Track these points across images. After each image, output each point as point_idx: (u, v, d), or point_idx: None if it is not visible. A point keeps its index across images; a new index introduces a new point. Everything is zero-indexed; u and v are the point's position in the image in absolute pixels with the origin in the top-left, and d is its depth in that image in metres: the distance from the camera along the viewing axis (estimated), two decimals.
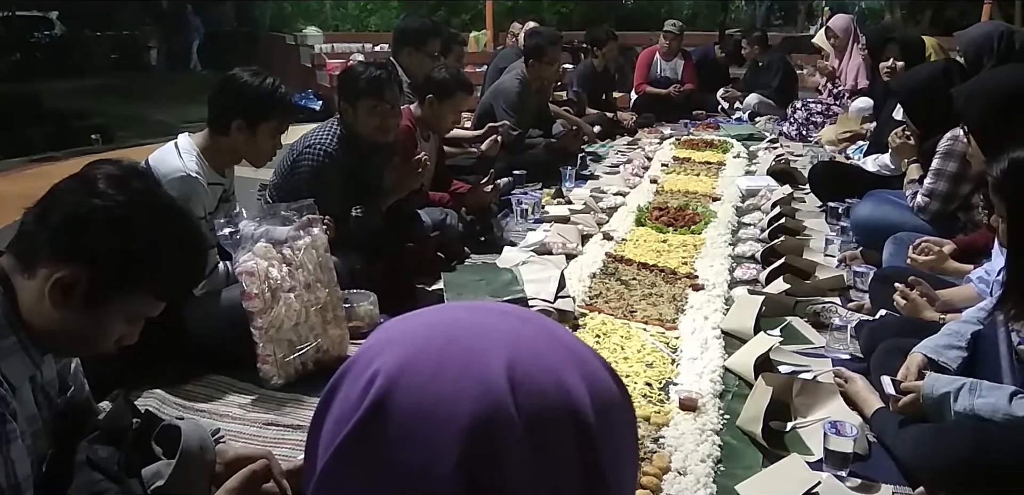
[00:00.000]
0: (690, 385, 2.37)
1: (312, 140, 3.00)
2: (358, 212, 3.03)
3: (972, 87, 2.54)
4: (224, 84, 2.55)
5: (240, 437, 2.12)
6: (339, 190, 2.96)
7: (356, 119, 3.02)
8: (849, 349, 2.57)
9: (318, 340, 2.41)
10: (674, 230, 4.02)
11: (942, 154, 3.03)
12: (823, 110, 6.26)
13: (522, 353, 0.50)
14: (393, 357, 0.50)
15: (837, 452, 1.92)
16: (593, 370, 0.53)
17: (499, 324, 0.53)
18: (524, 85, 5.09)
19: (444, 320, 0.54)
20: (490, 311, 0.56)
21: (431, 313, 0.56)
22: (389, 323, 0.56)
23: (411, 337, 0.52)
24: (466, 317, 0.54)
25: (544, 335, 0.54)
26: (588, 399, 0.50)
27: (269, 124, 2.54)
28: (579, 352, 0.53)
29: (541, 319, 0.56)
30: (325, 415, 0.52)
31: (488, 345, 0.51)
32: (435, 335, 0.52)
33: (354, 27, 12.63)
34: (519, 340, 0.52)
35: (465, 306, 0.57)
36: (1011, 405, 1.75)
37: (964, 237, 2.80)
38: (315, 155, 2.95)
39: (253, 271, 2.26)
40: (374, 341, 0.54)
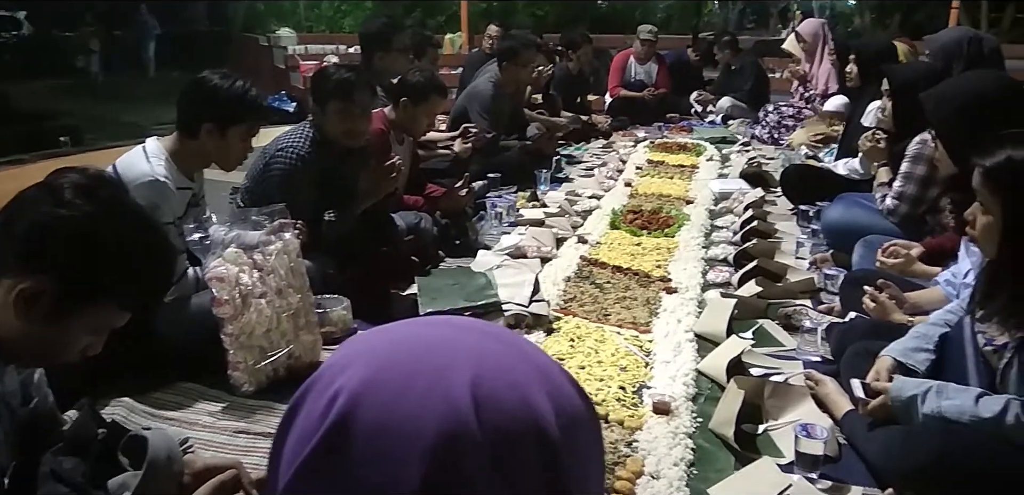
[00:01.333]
0: (663, 388, 2.38)
1: (284, 143, 2.98)
2: (331, 216, 3.00)
3: (940, 92, 2.58)
4: (193, 87, 2.52)
5: (210, 446, 2.09)
6: (312, 194, 2.94)
7: (326, 121, 3.01)
8: (820, 351, 2.60)
9: (290, 346, 2.39)
10: (648, 233, 4.04)
11: (911, 158, 3.08)
12: (794, 113, 6.32)
13: (487, 369, 0.50)
14: (356, 374, 0.50)
15: (808, 454, 1.94)
16: (558, 386, 0.52)
17: (464, 340, 0.53)
18: (498, 88, 5.08)
19: (409, 336, 0.54)
20: (456, 326, 0.55)
21: (396, 329, 0.55)
22: (355, 338, 0.56)
23: (375, 353, 0.52)
24: (431, 333, 0.54)
25: (510, 351, 0.53)
26: (553, 415, 0.50)
27: (240, 127, 2.51)
28: (545, 367, 0.53)
29: (507, 334, 0.56)
30: (288, 431, 0.52)
31: (452, 362, 0.50)
32: (399, 351, 0.52)
33: (328, 28, 12.55)
34: (484, 356, 0.51)
35: (428, 321, 0.57)
36: (977, 406, 1.78)
37: (932, 240, 2.85)
38: (288, 158, 2.92)
39: (223, 277, 2.23)
40: (338, 357, 0.53)
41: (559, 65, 6.95)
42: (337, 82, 2.99)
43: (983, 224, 1.78)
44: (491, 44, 6.71)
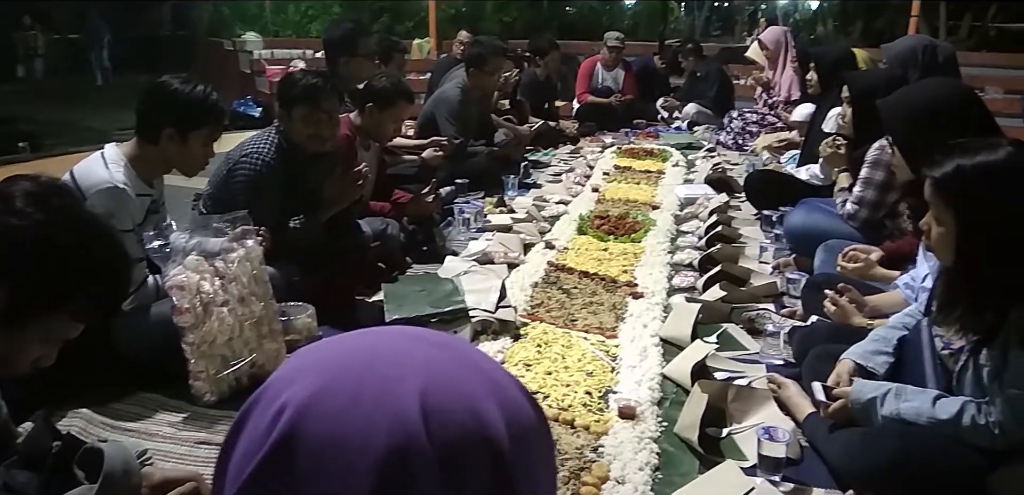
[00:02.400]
0: (629, 393, 2.40)
1: (249, 149, 2.94)
2: (296, 223, 2.97)
3: (897, 100, 2.62)
4: (153, 91, 2.48)
5: (170, 457, 2.06)
6: (277, 200, 2.91)
7: (291, 126, 2.98)
8: (783, 355, 2.64)
9: (253, 355, 2.36)
10: (615, 238, 4.06)
11: (870, 163, 3.13)
12: (758, 120, 6.41)
13: (436, 381, 0.50)
14: (303, 387, 0.49)
15: (770, 457, 1.96)
16: (509, 396, 0.52)
17: (413, 351, 0.52)
18: (466, 93, 5.08)
19: (357, 347, 0.53)
20: (406, 337, 0.54)
21: (344, 340, 0.54)
22: (302, 351, 0.55)
23: (322, 366, 0.51)
24: (380, 344, 0.53)
25: (460, 361, 0.53)
26: (503, 426, 0.49)
27: (201, 132, 2.48)
28: (495, 378, 0.53)
29: (458, 344, 0.56)
30: (233, 446, 0.51)
31: (401, 374, 0.50)
32: (347, 364, 0.51)
33: (295, 33, 12.43)
34: (433, 367, 0.51)
35: (380, 332, 0.56)
36: (934, 409, 1.82)
37: (891, 244, 2.89)
38: (252, 164, 2.89)
39: (184, 285, 2.20)
40: (285, 370, 0.52)
41: (527, 71, 6.98)
42: (303, 87, 2.97)
43: (937, 234, 1.82)
44: (462, 50, 6.72)
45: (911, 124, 2.46)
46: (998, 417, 1.73)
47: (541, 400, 2.36)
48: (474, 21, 11.88)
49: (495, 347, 2.72)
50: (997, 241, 1.71)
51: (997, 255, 1.72)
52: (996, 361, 1.74)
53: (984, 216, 1.72)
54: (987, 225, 1.72)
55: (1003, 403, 1.72)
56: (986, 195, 1.71)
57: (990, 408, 1.75)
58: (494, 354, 2.67)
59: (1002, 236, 1.71)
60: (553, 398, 2.39)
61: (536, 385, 2.46)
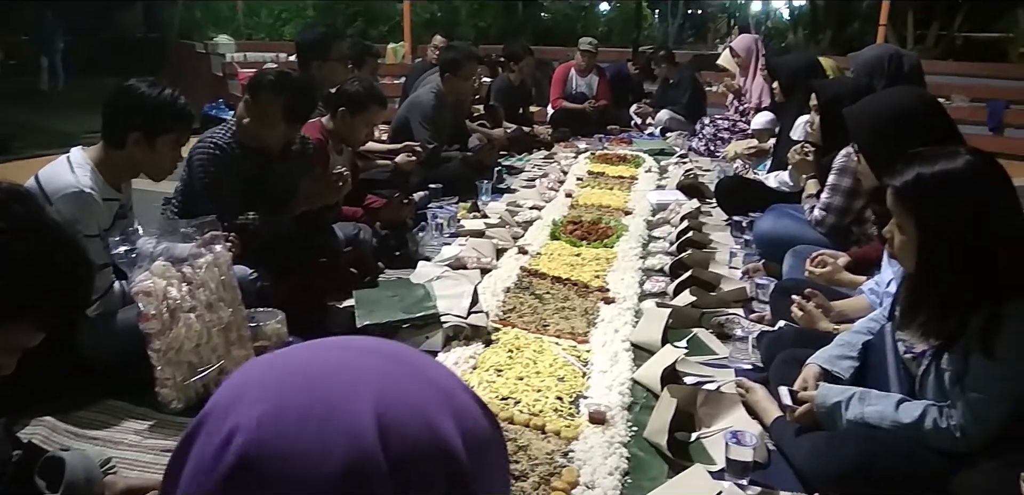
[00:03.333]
0: (600, 398, 2.41)
1: (203, 137, 2.97)
2: (254, 218, 2.91)
3: (862, 108, 2.66)
4: (119, 95, 2.44)
5: (136, 465, 2.03)
6: (237, 187, 2.88)
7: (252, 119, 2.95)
8: (751, 359, 2.66)
9: (221, 362, 2.33)
10: (587, 244, 4.08)
11: (837, 171, 3.18)
12: (730, 126, 6.48)
13: (390, 396, 0.49)
14: (252, 410, 0.48)
15: (738, 461, 1.98)
16: (463, 407, 0.52)
17: (364, 364, 0.52)
18: (440, 98, 5.08)
19: (305, 363, 0.52)
20: (355, 350, 0.54)
21: (291, 354, 0.53)
22: (246, 366, 0.53)
23: (270, 386, 0.50)
24: (328, 358, 0.52)
25: (413, 374, 0.52)
26: (459, 439, 0.49)
27: (169, 137, 2.45)
28: (449, 389, 0.53)
29: (410, 356, 0.55)
30: (179, 474, 0.49)
31: (354, 390, 0.49)
32: (296, 383, 0.50)
33: (268, 36, 12.34)
34: (386, 381, 0.50)
35: (327, 344, 0.55)
36: (897, 412, 1.85)
37: (857, 249, 2.94)
38: (206, 147, 2.90)
39: (150, 290, 2.17)
40: (229, 391, 0.51)
41: (501, 76, 6.99)
42: (249, 80, 2.97)
43: (900, 241, 1.85)
44: (437, 55, 6.72)
45: (876, 132, 2.50)
46: (959, 420, 1.76)
47: (512, 405, 2.37)
48: (449, 26, 11.88)
49: (467, 352, 2.72)
50: (957, 248, 1.74)
51: (958, 262, 1.75)
52: (957, 365, 1.77)
53: (944, 223, 1.75)
54: (947, 232, 1.75)
55: (964, 406, 1.75)
56: (946, 203, 1.75)
57: (952, 411, 1.78)
58: (465, 360, 2.67)
59: (962, 243, 1.74)
60: (524, 403, 2.39)
61: (507, 390, 2.47)
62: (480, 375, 2.58)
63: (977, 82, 8.53)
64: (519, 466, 2.03)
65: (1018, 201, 1.80)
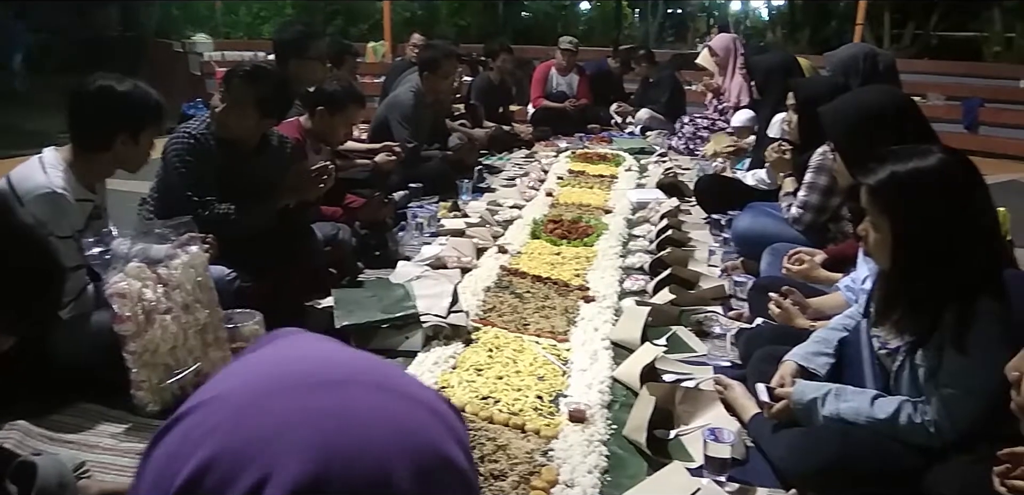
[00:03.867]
0: (579, 397, 2.41)
1: (178, 129, 2.94)
2: (231, 210, 2.88)
3: (838, 106, 2.68)
4: (99, 98, 2.40)
5: (111, 469, 2.01)
6: (214, 178, 2.85)
7: None
8: (729, 356, 2.68)
9: (198, 364, 2.31)
10: (568, 243, 4.08)
11: (814, 169, 3.20)
12: (709, 125, 6.51)
13: (410, 440, 0.47)
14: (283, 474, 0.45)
15: (716, 458, 1.99)
16: (453, 422, 0.50)
17: (363, 404, 0.48)
18: (419, 97, 5.06)
19: (334, 411, 0.48)
20: (346, 386, 0.50)
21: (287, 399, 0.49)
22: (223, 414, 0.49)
23: (289, 442, 0.46)
24: (333, 403, 0.48)
25: (408, 403, 0.50)
26: (465, 460, 0.49)
27: (150, 130, 2.47)
28: (435, 405, 0.51)
29: (388, 379, 0.52)
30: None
31: (380, 439, 0.46)
32: (322, 438, 0.46)
33: (246, 35, 12.23)
34: (397, 422, 0.48)
35: (271, 389, 0.50)
36: (873, 408, 1.86)
37: (834, 247, 2.96)
38: (179, 139, 2.87)
39: (125, 292, 2.15)
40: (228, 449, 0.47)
41: (481, 75, 6.99)
42: (227, 73, 2.95)
43: (874, 239, 1.86)
44: (415, 53, 6.70)
45: (851, 130, 2.52)
46: (933, 416, 1.78)
47: (491, 405, 2.37)
48: (429, 24, 11.84)
49: (447, 352, 2.71)
50: (931, 245, 1.76)
51: (931, 259, 1.77)
52: (931, 361, 1.79)
53: (918, 221, 1.77)
54: (921, 230, 1.77)
55: (938, 402, 1.77)
56: (919, 201, 1.76)
57: (926, 407, 1.80)
58: (445, 360, 2.66)
59: (935, 240, 1.76)
60: (504, 402, 2.39)
61: (487, 390, 2.47)
62: (460, 375, 2.57)
63: (952, 81, 8.64)
64: (498, 465, 2.03)
65: (990, 199, 1.82)
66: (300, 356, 0.54)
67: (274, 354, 0.54)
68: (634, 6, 17.30)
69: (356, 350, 0.57)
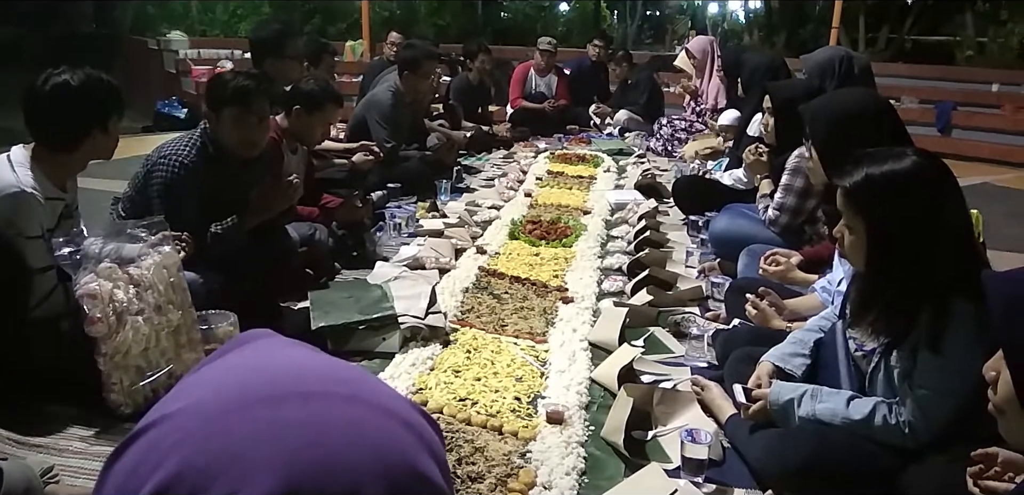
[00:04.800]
0: (558, 398, 2.41)
1: (168, 151, 2.84)
2: (218, 228, 2.87)
3: (817, 106, 2.70)
4: (60, 99, 2.34)
5: (81, 473, 1.97)
6: (195, 204, 2.80)
7: (220, 128, 2.88)
8: (706, 357, 2.69)
9: (171, 366, 2.28)
10: (546, 243, 4.08)
11: (790, 171, 3.22)
12: (687, 127, 6.54)
13: (380, 454, 0.46)
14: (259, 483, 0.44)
15: (693, 459, 1.99)
16: (427, 435, 0.49)
17: (335, 418, 0.47)
18: (397, 97, 5.03)
19: (299, 425, 0.47)
20: (316, 399, 0.48)
21: (254, 411, 0.47)
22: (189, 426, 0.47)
23: (256, 459, 0.45)
24: (299, 415, 0.47)
25: (379, 415, 0.49)
26: (439, 473, 0.47)
27: (114, 116, 2.45)
28: (410, 418, 0.49)
29: (361, 390, 0.50)
30: None
31: (350, 454, 0.45)
32: (290, 454, 0.45)
33: (222, 32, 12.12)
34: (367, 436, 0.46)
35: (281, 395, 0.49)
36: (848, 409, 1.88)
37: (810, 249, 2.98)
38: (170, 166, 2.78)
39: (96, 293, 2.11)
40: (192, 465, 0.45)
41: (460, 75, 6.97)
42: (233, 89, 2.86)
43: (850, 241, 1.88)
44: (394, 52, 6.66)
45: (832, 129, 2.53)
46: (908, 417, 1.80)
47: (469, 406, 2.36)
48: (408, 24, 11.80)
49: (425, 354, 2.70)
50: (905, 247, 1.78)
51: (906, 260, 1.78)
52: (906, 362, 1.80)
53: (892, 223, 1.78)
54: (895, 232, 1.78)
55: (912, 403, 1.79)
56: (894, 203, 1.78)
57: (900, 408, 1.81)
58: (423, 361, 2.64)
59: (910, 242, 1.77)
60: (482, 404, 2.38)
61: (465, 391, 2.45)
62: (438, 376, 2.56)
63: (926, 84, 8.75)
64: (476, 467, 2.02)
65: (963, 201, 1.84)
66: (270, 365, 0.52)
67: (242, 362, 0.53)
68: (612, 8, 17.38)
69: (328, 357, 0.56)
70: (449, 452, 2.08)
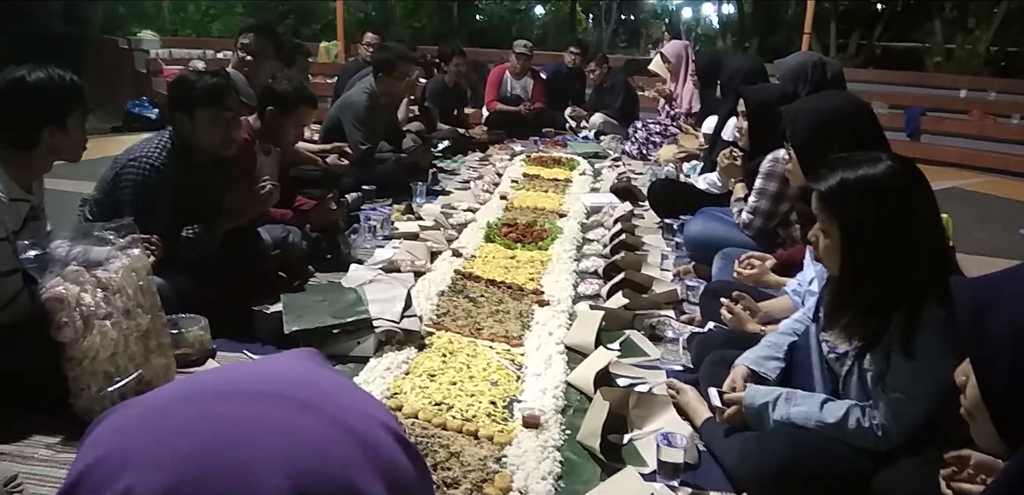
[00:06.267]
0: (533, 402, 2.40)
1: (137, 153, 2.79)
2: (190, 232, 2.83)
3: (798, 108, 2.71)
4: (13, 96, 2.29)
5: (46, 481, 1.92)
6: (166, 207, 2.76)
7: (194, 131, 2.83)
8: (682, 361, 2.69)
9: (140, 371, 2.23)
10: (522, 246, 4.07)
11: (764, 175, 3.25)
12: (661, 130, 6.57)
13: (303, 460, 0.44)
14: (146, 482, 0.43)
15: (669, 463, 1.99)
16: (387, 456, 0.48)
17: (270, 422, 0.46)
18: (372, 99, 5.00)
19: (199, 422, 0.46)
20: (255, 399, 0.48)
21: (182, 408, 0.47)
22: (128, 417, 0.47)
23: (162, 452, 0.44)
24: (230, 414, 0.47)
25: (328, 426, 0.48)
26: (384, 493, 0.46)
27: (75, 114, 2.39)
28: (364, 433, 0.48)
29: (321, 396, 0.50)
30: None
31: (261, 457, 0.44)
32: (192, 450, 0.44)
33: (195, 32, 11.97)
34: (297, 441, 0.46)
35: (220, 391, 0.49)
36: (822, 412, 1.89)
37: (783, 252, 3.01)
38: (140, 169, 2.74)
39: (62, 297, 2.06)
40: (112, 444, 0.45)
41: (436, 77, 6.95)
42: (205, 88, 2.82)
43: (824, 245, 1.89)
44: (370, 52, 6.62)
45: (812, 131, 2.54)
46: (881, 420, 1.81)
47: (445, 411, 2.34)
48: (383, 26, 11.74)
49: (400, 357, 2.67)
50: (879, 251, 1.79)
51: (879, 264, 1.79)
52: (879, 365, 1.82)
53: (867, 227, 1.80)
54: (870, 236, 1.80)
55: (885, 406, 1.80)
56: (868, 207, 1.79)
57: (874, 411, 1.83)
58: (398, 365, 2.62)
59: (884, 246, 1.79)
60: (457, 408, 2.36)
61: (440, 395, 2.44)
62: (413, 380, 2.54)
63: (896, 90, 8.90)
64: (451, 473, 2.01)
65: (936, 205, 1.86)
66: (256, 367, 0.52)
67: (235, 365, 0.52)
68: (588, 11, 17.44)
69: (322, 370, 0.54)
70: (424, 457, 2.06)
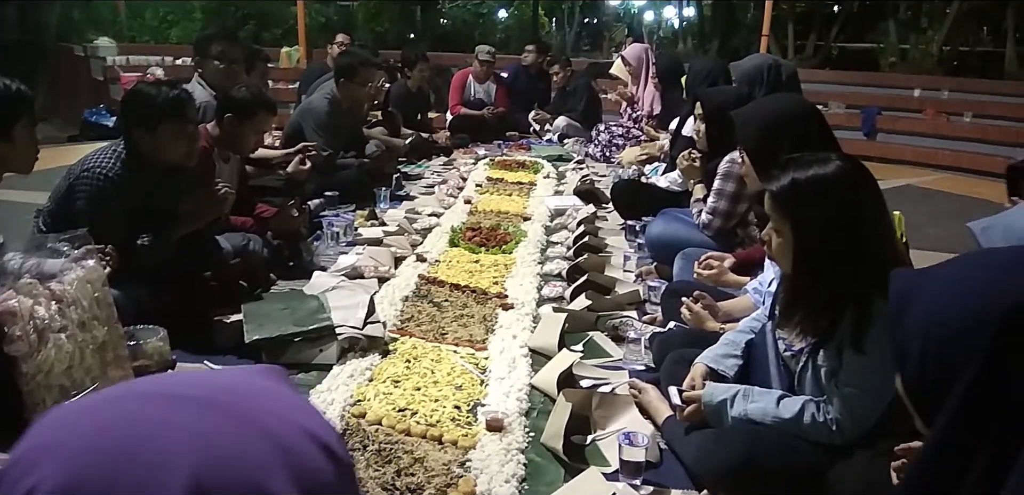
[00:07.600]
0: (498, 405, 2.41)
1: (91, 163, 2.74)
2: (145, 241, 2.78)
3: (748, 112, 2.76)
4: None
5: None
6: (122, 217, 2.71)
7: (156, 146, 2.79)
8: (644, 360, 2.73)
9: (97, 384, 2.19)
10: (486, 250, 4.08)
11: (722, 176, 3.30)
12: (624, 133, 6.63)
13: (210, 459, 0.44)
14: (50, 475, 0.43)
15: (631, 462, 2.02)
16: (303, 457, 0.48)
17: (182, 421, 0.46)
18: (334, 104, 4.97)
19: (115, 419, 0.46)
20: (169, 403, 0.48)
21: (100, 410, 0.48)
22: (55, 416, 0.48)
23: (72, 448, 0.45)
24: (139, 416, 0.47)
25: (238, 426, 0.47)
26: None
27: (21, 122, 2.34)
28: (284, 437, 0.48)
29: (235, 403, 0.50)
30: None
31: (166, 456, 0.44)
32: (100, 446, 0.45)
33: (153, 38, 11.78)
34: (207, 442, 0.45)
35: (147, 393, 0.49)
36: (778, 408, 1.93)
37: (742, 251, 3.05)
38: (93, 179, 2.69)
39: (15, 310, 2.02)
40: (40, 438, 0.46)
41: (399, 82, 6.93)
42: (167, 102, 2.78)
43: (777, 244, 1.93)
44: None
45: (762, 135, 2.59)
46: (835, 414, 1.85)
47: (408, 417, 2.34)
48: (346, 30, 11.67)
49: (363, 364, 2.66)
50: (830, 249, 1.83)
51: (830, 262, 1.84)
52: (832, 361, 1.86)
53: (817, 226, 1.84)
54: (820, 234, 1.84)
55: (839, 401, 1.84)
56: (818, 206, 1.83)
57: (828, 406, 1.87)
58: (361, 372, 2.61)
59: (834, 244, 1.83)
60: (421, 414, 2.36)
61: (404, 401, 2.43)
62: (376, 387, 2.53)
63: (852, 90, 9.07)
64: (415, 479, 2.01)
65: (884, 204, 1.91)
66: (185, 376, 0.53)
67: (177, 372, 0.53)
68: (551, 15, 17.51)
69: (259, 379, 0.54)
70: (388, 464, 2.06)
